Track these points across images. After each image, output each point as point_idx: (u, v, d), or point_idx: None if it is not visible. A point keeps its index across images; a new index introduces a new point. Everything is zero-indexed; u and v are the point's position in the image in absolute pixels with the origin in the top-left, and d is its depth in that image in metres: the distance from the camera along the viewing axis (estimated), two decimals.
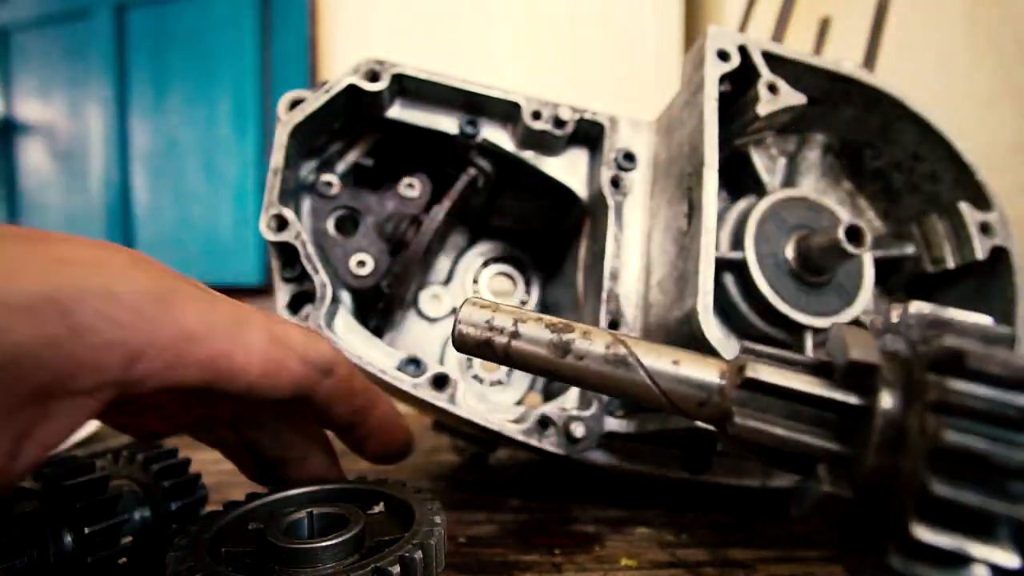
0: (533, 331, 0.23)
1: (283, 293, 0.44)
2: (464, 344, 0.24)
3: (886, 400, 0.20)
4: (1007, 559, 0.18)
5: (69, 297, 0.23)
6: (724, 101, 0.45)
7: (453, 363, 0.63)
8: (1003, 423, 0.18)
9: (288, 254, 0.44)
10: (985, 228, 0.49)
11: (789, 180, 0.54)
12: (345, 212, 0.52)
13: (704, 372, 0.22)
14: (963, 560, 0.18)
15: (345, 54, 2.67)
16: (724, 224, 0.49)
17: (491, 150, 0.53)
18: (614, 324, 0.48)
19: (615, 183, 0.51)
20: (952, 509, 0.18)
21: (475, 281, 0.66)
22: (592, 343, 0.23)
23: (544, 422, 0.46)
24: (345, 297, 0.52)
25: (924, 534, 0.18)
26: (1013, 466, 0.18)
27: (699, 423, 0.24)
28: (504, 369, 0.63)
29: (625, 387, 0.22)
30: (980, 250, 0.49)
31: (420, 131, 0.52)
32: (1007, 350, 0.19)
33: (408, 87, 0.50)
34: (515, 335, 0.23)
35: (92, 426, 0.74)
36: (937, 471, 0.18)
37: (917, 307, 0.22)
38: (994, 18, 1.25)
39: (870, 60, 0.63)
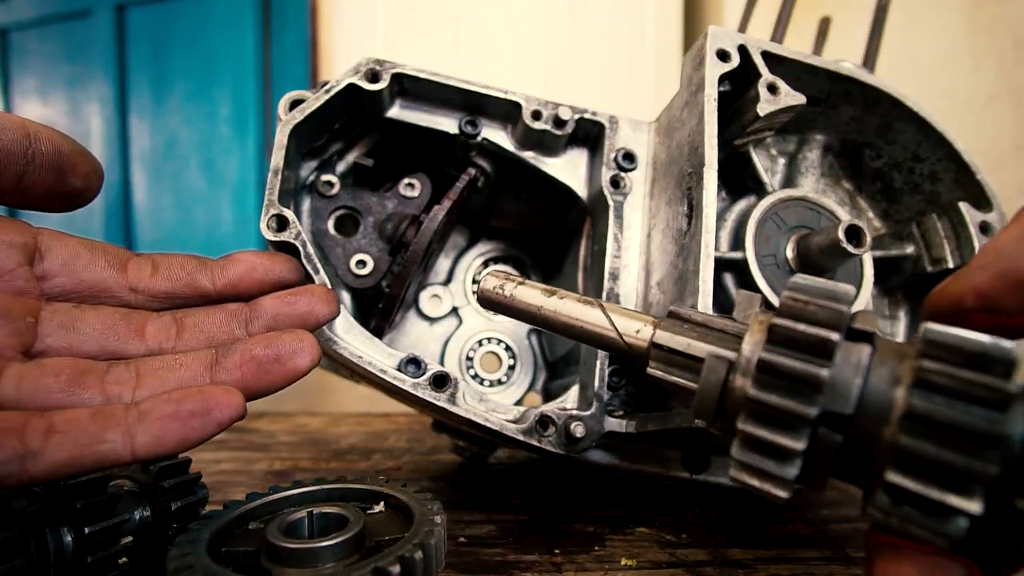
0: (529, 288, 0.34)
1: None
2: (483, 299, 0.35)
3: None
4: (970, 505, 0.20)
5: None
6: (724, 101, 0.45)
7: (453, 363, 0.63)
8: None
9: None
10: (985, 228, 0.49)
11: (789, 180, 0.54)
12: (345, 212, 0.52)
13: (639, 323, 0.30)
14: (944, 510, 0.21)
15: (345, 54, 2.67)
16: (724, 224, 0.49)
17: (491, 150, 0.53)
18: None
19: (615, 183, 0.51)
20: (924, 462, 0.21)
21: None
22: (568, 295, 0.33)
23: (544, 422, 0.46)
24: (345, 297, 0.52)
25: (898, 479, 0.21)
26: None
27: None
28: (504, 369, 0.64)
29: (589, 324, 0.31)
30: None
31: (420, 131, 0.52)
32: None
33: (408, 87, 0.50)
34: (517, 285, 0.34)
35: None
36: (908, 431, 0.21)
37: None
38: (994, 18, 1.25)
39: (870, 60, 0.63)
